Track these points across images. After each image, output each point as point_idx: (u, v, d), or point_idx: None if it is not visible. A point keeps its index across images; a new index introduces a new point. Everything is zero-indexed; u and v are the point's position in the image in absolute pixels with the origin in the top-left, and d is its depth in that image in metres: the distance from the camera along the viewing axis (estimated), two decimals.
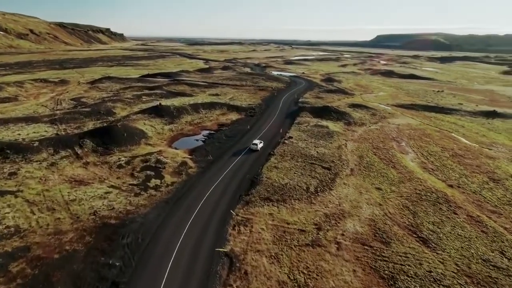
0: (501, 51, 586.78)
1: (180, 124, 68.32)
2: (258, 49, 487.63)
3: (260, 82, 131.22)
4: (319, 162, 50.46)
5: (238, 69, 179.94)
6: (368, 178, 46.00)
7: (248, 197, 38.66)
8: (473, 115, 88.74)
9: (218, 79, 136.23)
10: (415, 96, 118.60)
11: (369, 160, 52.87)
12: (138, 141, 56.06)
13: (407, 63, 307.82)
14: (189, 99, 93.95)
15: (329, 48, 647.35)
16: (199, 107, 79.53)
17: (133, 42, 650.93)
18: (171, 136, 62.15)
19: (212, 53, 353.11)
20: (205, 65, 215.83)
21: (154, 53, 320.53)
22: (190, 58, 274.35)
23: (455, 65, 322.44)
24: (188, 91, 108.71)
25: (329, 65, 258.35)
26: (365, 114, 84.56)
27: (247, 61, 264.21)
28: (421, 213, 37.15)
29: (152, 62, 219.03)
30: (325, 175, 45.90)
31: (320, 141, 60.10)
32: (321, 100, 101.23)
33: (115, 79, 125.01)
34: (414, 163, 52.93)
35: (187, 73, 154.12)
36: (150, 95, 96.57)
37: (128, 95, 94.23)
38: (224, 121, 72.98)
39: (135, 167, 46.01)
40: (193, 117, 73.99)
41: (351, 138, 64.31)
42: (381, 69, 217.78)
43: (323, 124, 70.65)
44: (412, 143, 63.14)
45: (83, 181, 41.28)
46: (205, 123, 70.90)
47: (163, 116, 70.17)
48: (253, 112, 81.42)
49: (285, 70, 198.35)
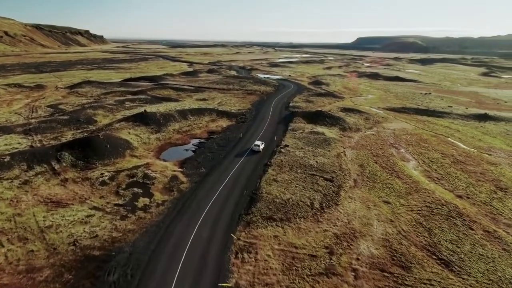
0: (476, 53, 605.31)
1: (168, 133, 63.87)
2: (242, 52, 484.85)
3: (248, 86, 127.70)
4: (320, 173, 47.32)
5: (224, 72, 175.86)
6: (374, 190, 43.18)
7: (249, 217, 34.96)
8: (465, 118, 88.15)
9: (204, 83, 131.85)
10: (404, 99, 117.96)
11: (371, 170, 50.18)
12: (123, 152, 51.41)
13: (390, 65, 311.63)
14: (175, 105, 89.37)
15: (312, 50, 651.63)
16: (187, 114, 75.19)
17: (113, 44, 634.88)
18: (158, 146, 57.69)
19: (196, 56, 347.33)
20: (189, 68, 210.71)
21: (136, 55, 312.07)
22: (173, 61, 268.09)
23: (435, 67, 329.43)
24: (174, 96, 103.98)
25: (314, 67, 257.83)
26: (359, 118, 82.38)
27: (231, 64, 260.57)
28: (436, 229, 34.47)
29: (134, 65, 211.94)
30: (328, 188, 42.76)
31: (318, 149, 57.05)
32: (312, 104, 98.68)
33: (96, 84, 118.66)
34: (418, 172, 50.62)
35: (171, 77, 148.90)
36: (134, 101, 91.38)
37: (110, 101, 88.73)
38: (215, 129, 69.00)
39: (120, 183, 41.50)
40: (181, 124, 69.63)
41: (348, 145, 61.63)
42: (367, 71, 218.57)
43: (319, 131, 67.75)
44: (411, 149, 61.05)
45: (61, 202, 36.53)
46: (194, 131, 66.72)
47: (149, 124, 65.54)
48: (244, 118, 77.78)
49: (271, 73, 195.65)
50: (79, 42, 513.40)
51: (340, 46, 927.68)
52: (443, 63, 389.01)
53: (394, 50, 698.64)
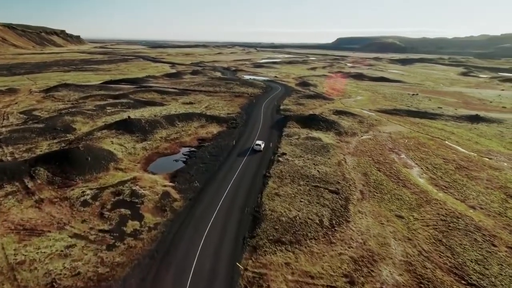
0: (451, 53, 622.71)
1: (155, 141, 59.07)
2: (224, 52, 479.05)
3: (234, 88, 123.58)
4: (324, 184, 44.04)
5: (209, 74, 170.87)
6: (384, 203, 40.25)
7: (254, 240, 31.13)
8: (457, 120, 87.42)
9: (189, 85, 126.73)
10: (394, 100, 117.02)
11: (376, 179, 47.37)
12: (106, 165, 46.43)
13: (372, 65, 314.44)
14: (160, 109, 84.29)
15: (294, 51, 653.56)
16: (174, 119, 70.46)
17: (91, 45, 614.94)
18: (145, 156, 52.88)
19: (177, 56, 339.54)
20: (171, 69, 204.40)
21: (115, 56, 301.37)
22: (154, 62, 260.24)
23: (415, 67, 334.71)
24: (158, 99, 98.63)
25: (299, 68, 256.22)
26: (353, 122, 79.99)
27: (215, 65, 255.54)
28: (458, 247, 31.74)
29: (113, 67, 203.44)
30: (335, 202, 39.49)
31: (317, 157, 53.82)
32: (303, 107, 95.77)
33: (74, 87, 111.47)
34: (424, 180, 48.20)
35: (154, 79, 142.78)
36: (116, 105, 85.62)
37: (90, 106, 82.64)
38: (205, 135, 64.68)
39: (105, 203, 36.74)
40: (169, 131, 64.90)
41: (347, 152, 58.78)
42: (351, 72, 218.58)
43: (315, 136, 64.63)
44: (412, 154, 58.85)
45: (36, 229, 31.53)
46: (183, 139, 62.17)
47: (134, 131, 60.52)
48: (235, 123, 73.77)
49: (256, 74, 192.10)
50: (55, 43, 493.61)
51: (321, 46, 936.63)
52: (422, 63, 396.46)
53: (374, 50, 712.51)
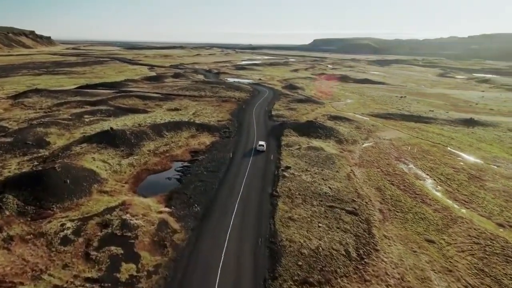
0: (423, 54, 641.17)
1: (143, 155, 52.78)
2: (203, 54, 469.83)
3: (221, 92, 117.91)
4: (339, 203, 39.68)
5: (192, 77, 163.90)
6: (408, 224, 36.32)
7: (277, 283, 26.14)
8: (452, 124, 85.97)
9: (172, 90, 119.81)
10: (384, 104, 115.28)
11: (392, 194, 43.58)
12: (88, 188, 40.02)
13: (352, 67, 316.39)
14: (144, 117, 77.60)
15: (272, 52, 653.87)
16: (162, 129, 64.24)
17: (62, 46, 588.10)
18: (133, 175, 46.60)
19: (155, 58, 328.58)
20: (150, 72, 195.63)
21: (89, 58, 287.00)
22: (131, 64, 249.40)
23: (393, 68, 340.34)
24: (141, 105, 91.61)
25: (281, 70, 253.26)
26: (350, 128, 76.56)
27: (195, 67, 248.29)
28: (504, 278, 28.15)
29: (88, 69, 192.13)
30: (356, 225, 35.15)
31: (324, 170, 49.48)
32: (295, 112, 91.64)
33: (46, 92, 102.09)
34: (440, 193, 44.90)
35: (134, 83, 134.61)
36: (94, 113, 78.06)
37: (65, 115, 74.71)
38: (197, 147, 58.96)
39: (91, 239, 30.60)
40: (157, 143, 58.70)
41: (354, 163, 54.89)
42: (335, 73, 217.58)
43: (316, 145, 60.39)
44: (420, 164, 55.73)
45: (4, 281, 25.14)
46: (174, 151, 56.17)
47: (118, 145, 53.96)
48: (228, 132, 68.44)
49: (240, 76, 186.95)
50: (23, 44, 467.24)
51: (298, 48, 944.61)
52: (399, 64, 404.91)
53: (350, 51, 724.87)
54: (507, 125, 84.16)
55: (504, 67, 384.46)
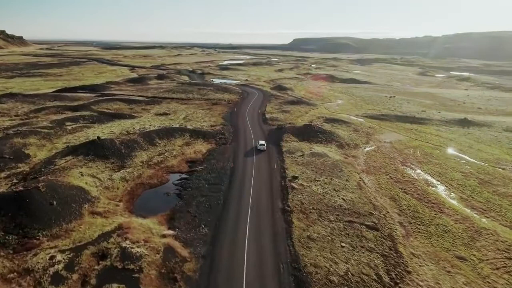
0: (400, 52, 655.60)
1: (136, 168, 48.22)
2: (184, 54, 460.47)
3: (209, 94, 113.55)
4: (357, 217, 36.87)
5: (176, 78, 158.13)
6: (433, 239, 33.90)
7: None
8: (447, 124, 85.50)
9: (158, 92, 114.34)
10: (375, 104, 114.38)
11: (408, 204, 41.25)
12: (79, 209, 35.41)
13: (336, 66, 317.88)
14: (132, 123, 72.56)
15: (253, 52, 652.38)
16: (154, 137, 59.67)
17: (36, 46, 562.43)
18: (127, 190, 42.11)
19: (135, 59, 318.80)
20: (132, 73, 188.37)
21: (65, 59, 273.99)
22: (111, 65, 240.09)
23: (375, 67, 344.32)
24: (127, 110, 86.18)
25: (265, 69, 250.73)
26: (348, 131, 74.40)
27: (178, 67, 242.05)
28: None
29: (65, 71, 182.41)
30: (380, 243, 32.40)
31: (333, 179, 46.64)
32: (290, 115, 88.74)
33: (21, 97, 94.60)
34: (456, 201, 42.97)
35: (116, 85, 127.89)
36: (76, 120, 72.26)
37: (45, 122, 68.59)
38: (194, 156, 54.86)
39: (87, 275, 26.28)
40: (150, 153, 54.18)
41: (360, 169, 52.41)
42: (320, 73, 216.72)
43: (319, 151, 57.59)
44: (427, 168, 53.93)
45: None
46: (169, 162, 51.85)
47: (108, 156, 49.14)
48: (224, 138, 64.59)
49: (226, 77, 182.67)
50: None
51: (278, 47, 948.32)
52: (379, 63, 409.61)
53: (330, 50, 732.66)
54: (500, 124, 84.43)
55: (478, 65, 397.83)
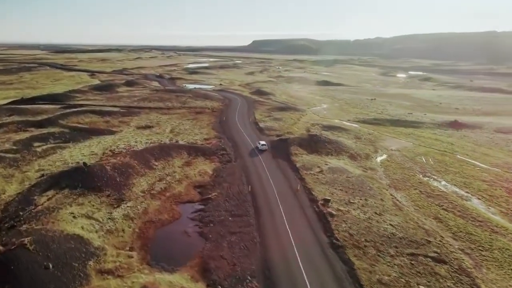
0: (355, 53, 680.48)
1: (137, 200, 39.96)
2: (144, 57, 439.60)
3: (189, 102, 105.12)
4: (416, 248, 32.28)
5: (147, 84, 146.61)
6: (507, 268, 30.19)
7: None
8: (441, 127, 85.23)
9: (132, 101, 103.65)
10: (360, 107, 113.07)
11: (456, 225, 37.57)
12: (83, 269, 27.13)
13: (302, 68, 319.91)
14: (114, 141, 63.05)
15: (215, 54, 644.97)
16: (148, 158, 51.31)
17: None
18: (136, 233, 34.02)
19: (92, 63, 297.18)
20: (92, 79, 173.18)
21: (11, 64, 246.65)
22: (66, 70, 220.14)
23: (339, 68, 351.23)
24: (102, 124, 75.76)
25: (235, 73, 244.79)
26: (351, 139, 70.78)
27: (141, 72, 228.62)
28: None
29: (15, 78, 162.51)
30: (457, 280, 28.07)
31: (368, 199, 41.93)
32: (283, 123, 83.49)
33: None
34: (499, 217, 40.11)
35: (81, 94, 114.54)
36: (46, 139, 61.25)
37: (7, 144, 56.72)
38: (200, 179, 47.49)
39: None
40: (149, 178, 45.92)
41: (386, 184, 48.36)
42: (294, 76, 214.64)
43: (337, 166, 52.82)
44: (449, 178, 51.27)
45: None
46: (175, 189, 44.07)
47: (101, 188, 40.35)
48: (226, 154, 57.68)
49: (198, 82, 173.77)
50: None
51: (238, 49, 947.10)
52: (342, 64, 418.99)
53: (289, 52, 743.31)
54: (489, 125, 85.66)
55: (428, 64, 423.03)
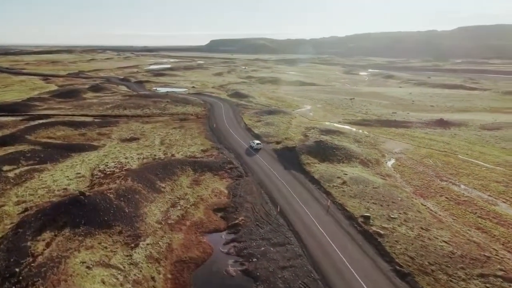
0: (313, 52, 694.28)
1: (156, 235, 33.64)
2: (98, 58, 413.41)
3: (169, 108, 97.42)
4: (481, 267, 29.97)
5: (115, 89, 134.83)
6: None
7: None
8: (429, 126, 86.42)
9: (104, 109, 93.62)
10: (343, 108, 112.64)
11: (500, 234, 36.17)
12: None
13: (269, 68, 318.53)
14: (100, 158, 55.03)
15: (174, 54, 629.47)
16: (151, 179, 44.61)
17: None
18: (170, 281, 27.73)
19: (42, 65, 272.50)
20: (48, 84, 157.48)
21: None
22: (14, 74, 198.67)
23: (303, 67, 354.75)
24: (79, 138, 66.55)
25: (203, 74, 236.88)
26: (352, 142, 68.69)
27: (100, 74, 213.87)
28: None
29: None
30: None
31: (407, 212, 39.22)
32: (277, 128, 79.49)
33: None
34: None
35: (42, 102, 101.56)
36: (16, 160, 51.60)
37: None
38: (217, 200, 41.99)
39: None
40: (160, 205, 39.53)
41: (412, 193, 46.27)
42: (264, 76, 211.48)
43: (358, 176, 49.80)
44: (466, 181, 50.64)
45: None
46: (193, 215, 38.21)
47: (109, 223, 33.45)
48: (235, 168, 52.47)
49: (168, 85, 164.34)
50: None
51: (196, 49, 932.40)
52: (305, 63, 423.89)
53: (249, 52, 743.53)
54: (472, 122, 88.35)
55: (384, 62, 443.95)
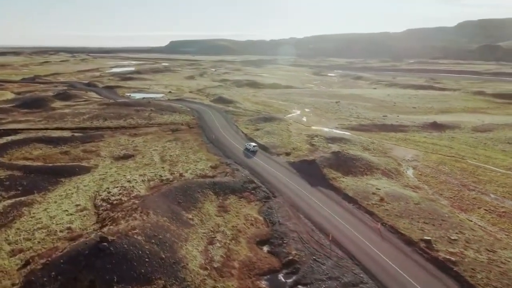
0: (273, 53, 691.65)
1: (205, 285, 27.81)
2: (52, 61, 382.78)
3: (155, 118, 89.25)
4: None
5: (86, 97, 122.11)
6: None
7: None
8: (426, 130, 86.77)
9: (81, 120, 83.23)
10: (333, 112, 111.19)
11: None
12: None
13: (239, 70, 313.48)
14: (97, 183, 47.24)
15: (134, 56, 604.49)
16: (175, 209, 38.11)
17: None
18: None
19: None
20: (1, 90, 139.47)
21: None
22: None
23: (270, 69, 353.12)
24: (62, 157, 57.39)
25: (173, 77, 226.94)
26: (364, 151, 66.28)
27: (59, 79, 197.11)
28: None
29: None
30: None
31: (462, 231, 36.66)
32: (280, 137, 74.99)
33: None
34: None
35: (5, 114, 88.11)
36: None
37: None
38: (256, 231, 36.55)
39: None
40: (196, 243, 33.27)
41: (447, 205, 44.25)
42: (239, 79, 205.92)
43: (395, 192, 46.65)
44: (492, 189, 50.01)
45: None
46: (237, 254, 32.41)
47: (148, 277, 26.97)
48: (258, 188, 47.27)
49: (142, 90, 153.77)
50: None
51: (155, 50, 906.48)
52: (271, 65, 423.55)
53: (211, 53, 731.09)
54: (464, 125, 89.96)
55: (344, 62, 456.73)
